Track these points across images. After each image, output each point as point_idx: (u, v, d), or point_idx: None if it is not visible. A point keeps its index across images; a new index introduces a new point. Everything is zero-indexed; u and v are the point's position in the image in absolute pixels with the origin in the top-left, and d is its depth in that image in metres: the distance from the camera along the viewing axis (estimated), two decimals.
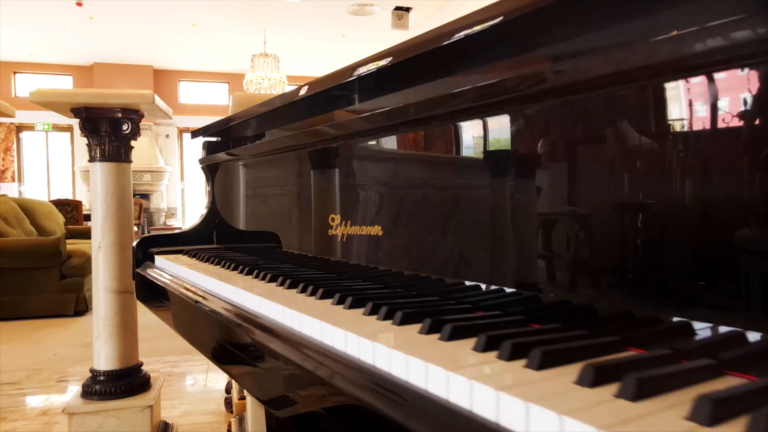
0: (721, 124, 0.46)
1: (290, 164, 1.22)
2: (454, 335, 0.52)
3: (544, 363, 0.43)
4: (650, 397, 0.36)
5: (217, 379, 2.94)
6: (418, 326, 0.56)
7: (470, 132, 0.74)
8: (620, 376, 0.37)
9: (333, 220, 0.98)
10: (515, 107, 0.66)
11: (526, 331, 0.52)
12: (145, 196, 11.06)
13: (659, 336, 0.50)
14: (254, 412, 1.86)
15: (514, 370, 0.43)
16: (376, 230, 0.87)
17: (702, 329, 0.48)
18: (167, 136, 11.91)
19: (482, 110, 0.70)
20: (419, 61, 0.76)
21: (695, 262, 0.49)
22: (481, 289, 0.71)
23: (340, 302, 0.70)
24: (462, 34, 0.67)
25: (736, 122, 0.45)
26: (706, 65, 0.46)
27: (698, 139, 0.48)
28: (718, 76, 0.46)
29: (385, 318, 0.61)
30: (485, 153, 0.72)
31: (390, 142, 0.89)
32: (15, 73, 11.28)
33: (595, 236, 0.58)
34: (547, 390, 0.38)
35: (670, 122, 0.50)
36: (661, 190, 0.52)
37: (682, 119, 0.49)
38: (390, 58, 0.77)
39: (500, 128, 0.69)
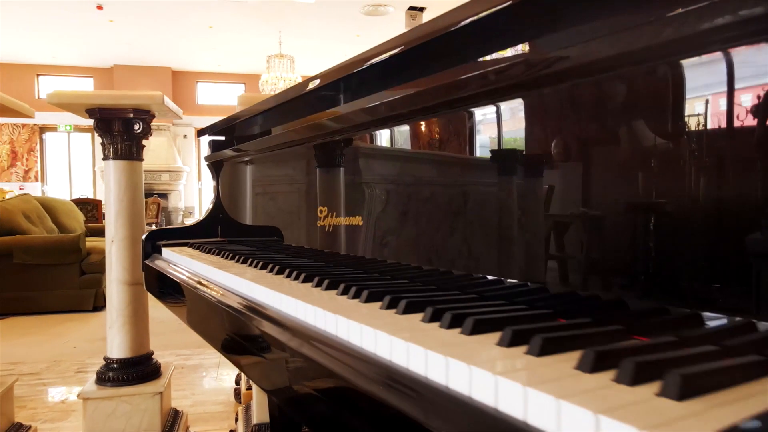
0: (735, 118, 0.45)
1: (287, 160, 1.29)
2: (408, 309, 0.58)
3: (475, 330, 0.49)
4: (553, 354, 0.42)
5: (228, 372, 3.03)
6: (380, 303, 0.63)
7: (436, 129, 0.80)
8: (530, 338, 0.43)
9: (321, 212, 1.05)
10: (499, 97, 0.69)
11: (469, 306, 0.57)
12: (164, 195, 11.26)
13: (595, 310, 0.55)
14: (259, 400, 1.93)
15: (448, 336, 0.49)
16: (357, 221, 0.94)
17: (628, 304, 0.53)
18: (185, 136, 12.11)
19: (447, 107, 0.76)
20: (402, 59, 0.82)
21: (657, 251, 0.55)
22: (451, 274, 0.77)
23: (318, 285, 0.76)
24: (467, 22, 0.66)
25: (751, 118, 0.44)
26: (719, 44, 0.45)
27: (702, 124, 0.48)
28: (734, 62, 0.45)
29: (354, 297, 0.67)
30: (456, 147, 0.78)
31: (371, 140, 0.95)
32: (38, 75, 11.57)
33: (559, 224, 0.64)
34: (472, 349, 0.44)
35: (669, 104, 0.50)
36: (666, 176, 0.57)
37: (683, 104, 0.49)
38: (362, 65, 0.84)
39: (467, 121, 0.75)
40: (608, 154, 0.58)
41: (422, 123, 0.82)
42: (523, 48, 0.64)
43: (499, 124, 0.69)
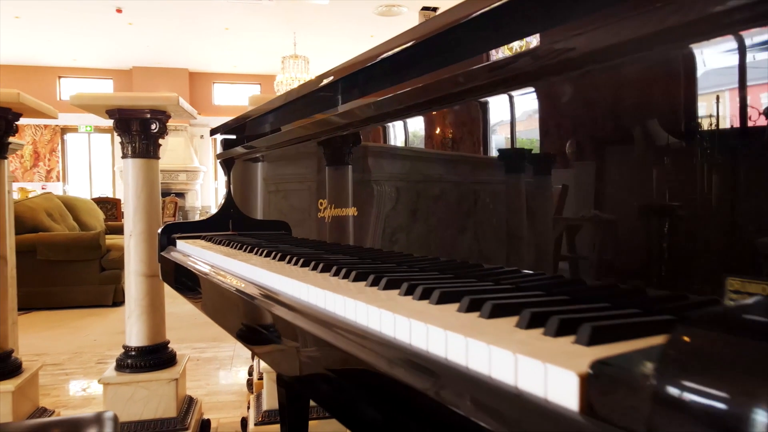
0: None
1: (294, 157, 1.37)
2: (388, 286, 0.66)
3: (440, 300, 0.56)
4: (501, 317, 0.49)
5: (242, 364, 3.13)
6: (365, 282, 0.70)
7: (428, 124, 0.87)
8: (482, 305, 0.50)
9: (321, 204, 1.13)
10: (499, 90, 0.72)
11: (442, 282, 0.65)
12: (181, 194, 11.44)
13: (554, 285, 0.62)
14: (269, 389, 2.02)
15: (418, 306, 0.56)
16: (352, 211, 1.01)
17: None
18: (201, 137, 12.30)
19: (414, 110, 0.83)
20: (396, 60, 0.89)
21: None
22: (437, 259, 0.84)
23: (314, 268, 0.84)
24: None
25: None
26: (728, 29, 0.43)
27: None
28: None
29: (344, 277, 0.75)
30: (437, 144, 0.85)
31: (367, 136, 1.03)
32: (60, 77, 11.85)
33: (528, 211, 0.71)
34: (433, 315, 0.52)
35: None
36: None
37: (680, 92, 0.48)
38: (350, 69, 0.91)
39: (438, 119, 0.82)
40: (612, 150, 0.64)
41: (415, 119, 0.90)
42: (528, 42, 0.65)
43: (487, 119, 0.76)
